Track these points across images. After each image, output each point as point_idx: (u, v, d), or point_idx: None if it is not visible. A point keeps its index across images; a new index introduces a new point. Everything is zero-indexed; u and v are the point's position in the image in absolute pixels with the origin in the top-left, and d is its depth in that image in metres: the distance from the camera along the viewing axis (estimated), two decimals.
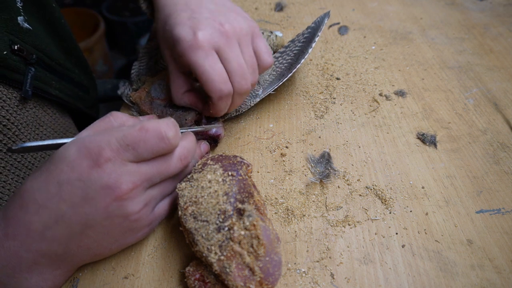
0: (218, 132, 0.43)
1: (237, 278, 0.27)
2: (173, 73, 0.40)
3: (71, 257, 0.30)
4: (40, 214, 0.27)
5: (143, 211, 0.30)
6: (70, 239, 0.28)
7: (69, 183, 0.27)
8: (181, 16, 0.37)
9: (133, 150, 0.28)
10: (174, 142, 0.30)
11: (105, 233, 0.29)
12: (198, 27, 0.36)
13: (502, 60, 0.55)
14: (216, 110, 0.40)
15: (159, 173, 0.30)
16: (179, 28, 0.36)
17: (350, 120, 0.47)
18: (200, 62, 0.35)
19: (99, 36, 1.42)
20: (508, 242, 0.34)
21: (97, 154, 0.27)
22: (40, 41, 0.45)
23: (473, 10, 0.67)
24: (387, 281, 0.32)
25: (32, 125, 0.44)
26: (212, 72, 0.36)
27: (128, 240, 0.32)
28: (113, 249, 0.32)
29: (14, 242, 0.28)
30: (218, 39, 0.36)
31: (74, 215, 0.27)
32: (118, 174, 0.27)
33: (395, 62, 0.56)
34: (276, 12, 0.69)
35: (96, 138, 0.28)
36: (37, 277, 0.30)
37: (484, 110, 0.47)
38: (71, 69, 0.53)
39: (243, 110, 0.45)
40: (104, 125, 0.32)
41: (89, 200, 0.27)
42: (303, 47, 0.47)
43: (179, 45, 0.36)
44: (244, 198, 0.31)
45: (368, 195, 0.38)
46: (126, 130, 0.28)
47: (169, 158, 0.31)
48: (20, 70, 0.41)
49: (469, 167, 0.41)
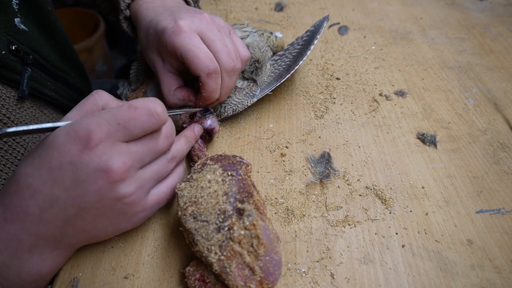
0: (212, 126, 0.42)
1: (237, 278, 0.27)
2: (162, 73, 0.41)
3: (68, 239, 0.31)
4: (35, 198, 0.28)
5: (135, 194, 0.30)
6: (65, 221, 0.29)
7: (61, 168, 0.27)
8: (163, 16, 0.40)
9: (124, 129, 0.28)
10: (163, 118, 0.30)
11: (98, 215, 0.30)
12: (179, 17, 0.39)
13: (502, 60, 0.55)
14: (208, 91, 0.40)
15: (148, 151, 0.31)
16: (162, 22, 0.39)
17: (350, 120, 0.47)
18: (184, 43, 0.37)
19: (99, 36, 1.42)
20: (508, 242, 0.34)
21: (87, 136, 0.27)
22: (36, 43, 0.46)
23: (473, 10, 0.67)
24: (387, 281, 0.32)
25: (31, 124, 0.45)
26: (196, 50, 0.37)
27: (123, 224, 0.32)
28: (109, 232, 0.32)
29: (13, 226, 0.29)
30: (199, 23, 0.39)
31: (67, 199, 0.28)
32: (108, 156, 0.27)
33: (395, 62, 0.56)
34: (276, 12, 0.69)
35: (84, 121, 0.28)
36: (38, 257, 0.30)
37: (484, 110, 0.47)
38: (66, 71, 0.54)
39: (240, 110, 0.45)
40: (89, 105, 0.32)
41: (81, 183, 0.28)
42: (301, 50, 0.48)
43: (164, 36, 0.38)
44: (243, 198, 0.31)
45: (368, 195, 0.38)
46: (115, 110, 0.28)
47: (157, 135, 0.31)
48: (17, 70, 0.42)
49: (469, 167, 0.41)
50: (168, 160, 0.34)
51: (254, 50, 0.49)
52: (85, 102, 0.32)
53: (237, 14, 0.69)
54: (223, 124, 0.47)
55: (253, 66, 0.48)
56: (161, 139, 0.32)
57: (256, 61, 0.48)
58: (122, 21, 0.48)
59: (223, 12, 0.70)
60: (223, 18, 0.68)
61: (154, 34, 0.40)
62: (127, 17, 0.48)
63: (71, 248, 0.33)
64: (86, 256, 0.34)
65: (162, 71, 0.41)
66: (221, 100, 0.43)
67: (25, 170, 0.29)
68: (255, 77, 0.48)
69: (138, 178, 0.30)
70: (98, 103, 0.32)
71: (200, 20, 0.39)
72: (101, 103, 0.33)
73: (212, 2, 0.73)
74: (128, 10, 0.47)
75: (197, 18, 0.39)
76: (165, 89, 0.41)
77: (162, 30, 0.38)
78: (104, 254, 0.35)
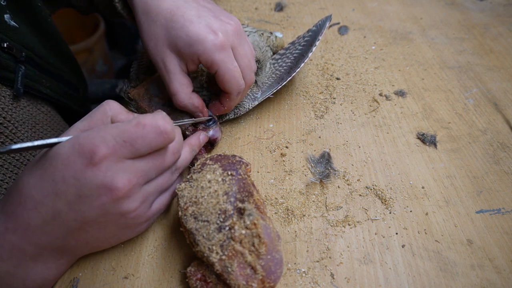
0: (215, 136, 0.42)
1: (239, 277, 0.28)
2: (175, 71, 0.39)
3: (71, 250, 0.31)
4: (38, 210, 0.28)
5: (140, 208, 0.30)
6: (68, 234, 0.29)
7: (64, 181, 0.27)
8: (189, 14, 0.37)
9: (131, 147, 0.27)
10: (172, 136, 0.29)
11: (101, 229, 0.29)
12: (214, 27, 0.37)
13: (502, 60, 0.55)
14: (231, 105, 0.42)
15: (154, 167, 0.30)
16: (196, 27, 0.36)
17: (350, 120, 0.47)
18: (226, 60, 0.37)
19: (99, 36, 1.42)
20: (508, 242, 0.34)
21: (92, 152, 0.26)
22: (28, 40, 0.45)
23: (473, 10, 0.67)
24: (387, 281, 0.32)
25: (28, 123, 0.44)
26: (234, 69, 0.38)
27: (126, 235, 0.32)
28: (112, 242, 0.33)
29: (15, 236, 0.28)
30: (233, 37, 0.38)
31: (70, 212, 0.27)
32: (113, 172, 0.27)
33: (395, 62, 0.56)
34: (276, 12, 0.69)
35: (90, 135, 0.27)
36: (42, 265, 0.30)
37: (484, 110, 0.47)
38: (61, 68, 0.53)
39: (241, 113, 0.45)
40: (99, 115, 0.31)
41: (84, 198, 0.27)
42: (303, 51, 0.47)
43: (200, 45, 0.36)
44: (244, 197, 0.31)
45: (368, 195, 0.38)
46: (122, 126, 0.28)
47: (164, 152, 0.31)
48: (10, 68, 0.41)
49: (469, 167, 0.41)
50: (172, 172, 0.34)
51: (254, 50, 0.49)
52: (95, 113, 0.32)
53: (237, 14, 0.69)
54: (223, 124, 0.47)
55: None
56: (168, 155, 0.31)
57: (256, 61, 0.48)
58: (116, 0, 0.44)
59: None
60: None
61: (183, 35, 0.36)
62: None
63: (75, 257, 0.33)
64: (86, 256, 0.34)
65: (175, 69, 0.38)
66: (229, 111, 0.44)
67: (28, 180, 0.28)
68: (255, 77, 0.48)
69: (143, 193, 0.30)
70: (107, 114, 0.32)
71: (233, 32, 0.38)
72: (111, 113, 0.32)
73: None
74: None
75: (230, 28, 0.38)
76: (179, 89, 0.39)
77: (198, 39, 0.36)
78: (104, 254, 0.35)
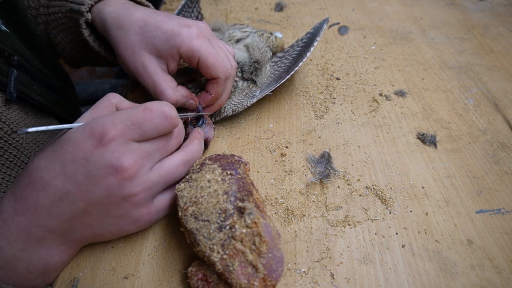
0: (206, 135, 0.41)
1: (241, 276, 0.28)
2: (157, 72, 0.40)
3: (75, 234, 0.31)
4: (46, 191, 0.29)
5: (142, 194, 0.30)
6: (73, 216, 0.30)
7: (74, 162, 0.28)
8: (161, 18, 0.40)
9: (138, 129, 0.29)
10: (176, 121, 0.31)
11: (105, 212, 0.30)
12: (187, 22, 0.40)
13: (502, 60, 0.55)
14: (218, 91, 0.42)
15: (159, 150, 0.32)
16: (170, 24, 0.39)
17: (350, 120, 0.47)
18: (204, 46, 0.39)
19: None
20: (508, 242, 0.34)
21: (102, 133, 0.28)
22: (19, 46, 0.45)
23: (473, 10, 0.67)
24: (387, 281, 0.32)
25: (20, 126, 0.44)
26: (216, 53, 0.39)
27: (127, 225, 0.32)
28: (114, 232, 0.33)
29: (23, 218, 0.29)
30: (206, 32, 0.41)
31: (77, 193, 0.29)
32: (120, 153, 0.28)
33: (395, 62, 0.56)
34: (276, 12, 0.69)
35: (100, 119, 0.29)
36: (45, 250, 0.31)
37: (484, 110, 0.47)
38: (50, 76, 0.53)
39: (239, 110, 0.45)
40: (104, 103, 0.34)
41: (92, 179, 0.28)
42: (301, 51, 0.48)
43: (177, 37, 0.38)
44: (244, 196, 0.31)
45: (368, 195, 0.38)
46: (130, 111, 0.30)
47: (168, 136, 0.33)
48: (3, 71, 0.41)
49: (469, 167, 0.41)
50: (184, 164, 0.34)
51: (254, 50, 0.49)
52: (100, 102, 0.34)
53: (237, 14, 0.69)
54: (223, 124, 0.47)
55: (253, 66, 0.48)
56: (172, 139, 0.33)
57: (255, 61, 0.48)
58: (82, 26, 0.45)
59: (223, 12, 0.70)
60: (223, 18, 0.68)
61: (159, 33, 0.39)
62: (89, 21, 0.45)
63: (77, 245, 0.33)
64: (86, 256, 0.34)
65: (156, 70, 0.40)
66: (222, 105, 0.45)
67: (39, 163, 0.30)
68: (254, 77, 0.48)
69: (146, 179, 0.30)
70: (112, 101, 0.34)
71: (205, 28, 0.42)
72: (115, 101, 0.34)
73: (212, 2, 0.73)
74: (90, 14, 0.45)
75: (202, 24, 0.41)
76: (165, 86, 0.40)
77: (173, 32, 0.38)
78: (104, 254, 0.35)
